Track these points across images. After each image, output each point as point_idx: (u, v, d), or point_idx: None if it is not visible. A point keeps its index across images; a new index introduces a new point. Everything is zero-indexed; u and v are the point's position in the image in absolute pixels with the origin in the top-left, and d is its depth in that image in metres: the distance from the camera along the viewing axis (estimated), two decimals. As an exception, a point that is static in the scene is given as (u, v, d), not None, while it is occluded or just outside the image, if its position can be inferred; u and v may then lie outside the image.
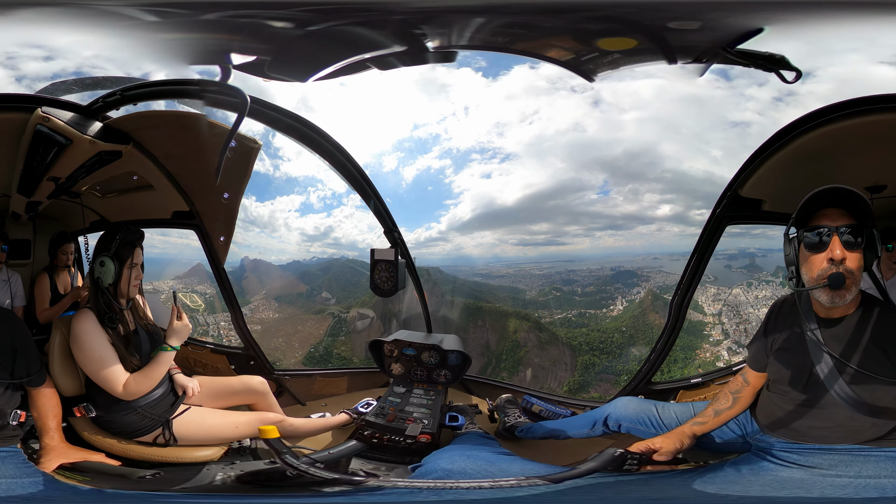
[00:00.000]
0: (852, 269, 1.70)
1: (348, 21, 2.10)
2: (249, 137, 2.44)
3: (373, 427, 2.37)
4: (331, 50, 2.23)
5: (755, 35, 1.94)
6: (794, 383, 1.84)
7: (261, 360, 2.78)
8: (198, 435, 2.28)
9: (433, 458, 2.07)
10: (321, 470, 2.06)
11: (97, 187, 2.52)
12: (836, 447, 1.80)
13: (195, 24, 2.24)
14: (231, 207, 2.62)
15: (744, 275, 2.67)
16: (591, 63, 2.17)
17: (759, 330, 2.00)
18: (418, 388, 2.64)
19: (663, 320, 2.63)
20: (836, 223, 1.71)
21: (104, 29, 2.23)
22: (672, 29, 1.99)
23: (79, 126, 2.22)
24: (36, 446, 2.07)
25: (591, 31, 2.08)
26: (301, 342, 2.94)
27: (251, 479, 2.19)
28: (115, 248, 2.16)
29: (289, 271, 2.87)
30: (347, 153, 2.44)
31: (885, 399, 1.72)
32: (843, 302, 1.72)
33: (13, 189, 2.33)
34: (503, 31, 2.17)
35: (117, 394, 2.14)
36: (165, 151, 2.46)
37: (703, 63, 2.10)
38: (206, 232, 2.68)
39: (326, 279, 2.94)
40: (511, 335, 2.96)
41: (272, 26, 2.18)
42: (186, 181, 2.58)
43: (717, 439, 2.04)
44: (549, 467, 1.96)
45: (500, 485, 1.85)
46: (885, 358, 1.72)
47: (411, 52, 2.21)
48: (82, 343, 2.13)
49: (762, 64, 2.01)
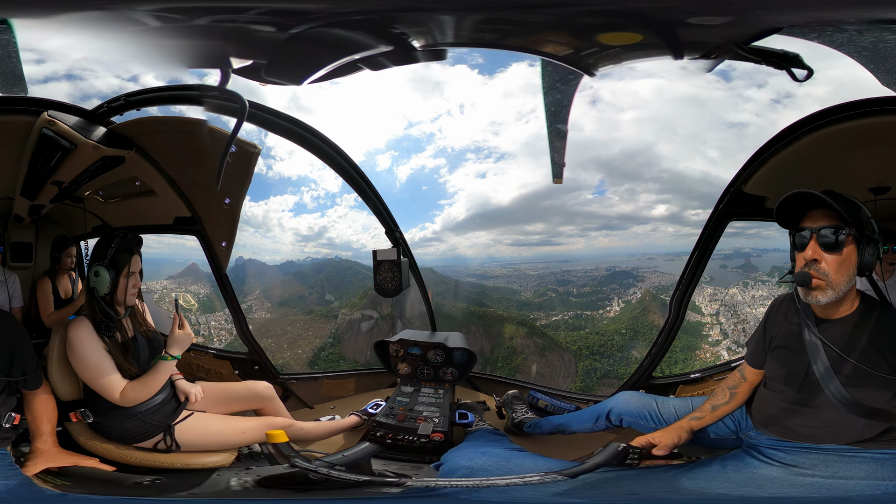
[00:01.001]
0: (828, 270, 1.74)
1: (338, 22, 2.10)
2: (249, 142, 2.45)
3: (384, 428, 2.38)
4: (323, 52, 2.23)
5: (772, 33, 1.95)
6: (790, 381, 1.88)
7: (265, 364, 2.77)
8: (201, 441, 2.26)
9: (451, 456, 2.10)
10: (343, 472, 2.10)
11: (100, 192, 2.52)
12: (824, 447, 1.83)
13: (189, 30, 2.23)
14: (232, 212, 2.62)
15: (739, 275, 2.73)
16: (591, 58, 2.16)
17: (758, 327, 2.05)
18: (426, 386, 2.66)
19: (663, 321, 2.67)
20: (817, 224, 1.76)
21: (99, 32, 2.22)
22: (684, 24, 1.97)
23: (84, 130, 2.22)
24: (26, 450, 2.05)
25: (592, 26, 2.06)
26: (290, 343, 2.92)
27: (270, 484, 2.18)
28: (111, 257, 2.12)
29: (283, 272, 2.86)
30: (346, 155, 2.48)
31: (879, 400, 1.76)
32: (816, 301, 1.77)
33: (17, 192, 2.31)
34: (498, 27, 2.16)
35: (114, 401, 2.11)
36: (168, 157, 2.47)
37: (712, 59, 2.10)
38: (208, 237, 2.68)
39: (319, 280, 2.94)
40: (507, 341, 2.99)
41: (263, 31, 2.17)
42: (188, 187, 2.59)
43: (711, 434, 2.08)
44: (559, 462, 2.01)
45: (529, 481, 1.92)
46: (881, 359, 1.75)
47: (401, 50, 2.20)
48: (78, 352, 2.11)
49: (774, 61, 2.01)
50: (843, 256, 1.74)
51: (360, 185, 2.58)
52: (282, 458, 2.22)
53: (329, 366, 2.94)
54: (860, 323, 1.79)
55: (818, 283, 1.74)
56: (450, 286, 2.92)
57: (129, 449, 2.16)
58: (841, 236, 1.73)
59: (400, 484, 2.06)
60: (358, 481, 2.08)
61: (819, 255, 1.74)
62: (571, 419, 2.38)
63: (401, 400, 2.58)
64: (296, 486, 2.15)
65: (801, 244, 1.78)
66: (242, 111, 2.17)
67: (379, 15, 2.06)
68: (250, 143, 2.47)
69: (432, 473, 2.11)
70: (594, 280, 2.87)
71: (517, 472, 1.95)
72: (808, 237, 1.75)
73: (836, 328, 1.81)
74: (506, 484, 1.93)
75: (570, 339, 2.90)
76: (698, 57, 2.13)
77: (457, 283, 2.92)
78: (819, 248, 1.74)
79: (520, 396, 2.62)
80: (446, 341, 2.68)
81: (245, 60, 2.32)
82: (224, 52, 2.32)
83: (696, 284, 2.51)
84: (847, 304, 1.81)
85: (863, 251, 1.75)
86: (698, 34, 2.03)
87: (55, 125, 2.15)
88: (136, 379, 2.14)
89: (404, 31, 2.13)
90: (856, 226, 1.74)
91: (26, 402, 2.08)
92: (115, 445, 2.16)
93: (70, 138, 2.19)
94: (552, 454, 2.12)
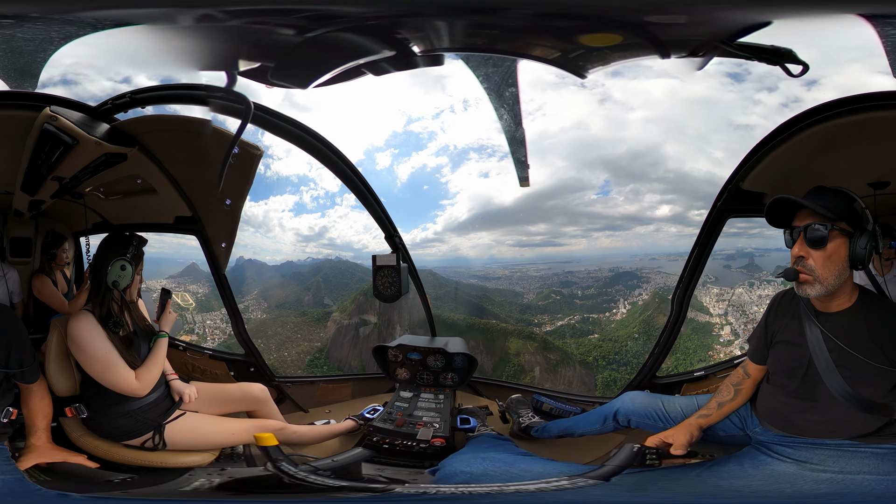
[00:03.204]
0: (814, 265, 1.80)
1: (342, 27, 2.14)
2: (252, 144, 2.49)
3: (381, 433, 2.37)
4: (327, 57, 2.27)
5: (758, 29, 1.98)
6: (792, 376, 1.91)
7: (261, 367, 2.75)
8: (190, 440, 2.27)
9: (450, 461, 2.09)
10: (327, 477, 2.07)
11: (101, 189, 2.55)
12: (827, 442, 1.86)
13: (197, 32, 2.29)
14: (233, 214, 2.64)
15: (744, 275, 2.72)
16: (579, 60, 2.19)
17: (759, 323, 2.08)
18: (426, 392, 2.64)
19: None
20: (804, 223, 1.83)
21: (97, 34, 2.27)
22: (657, 23, 2.00)
23: (86, 127, 2.26)
24: (22, 445, 2.07)
25: (572, 28, 2.09)
26: (278, 345, 2.88)
27: (240, 487, 2.17)
28: (133, 254, 2.23)
29: (281, 272, 2.85)
30: (345, 157, 2.50)
31: (877, 394, 1.80)
32: (805, 295, 1.83)
33: (17, 187, 2.34)
34: (485, 31, 2.19)
35: (132, 388, 2.14)
36: (170, 156, 2.51)
37: (700, 57, 2.12)
38: (208, 238, 2.69)
39: (316, 281, 2.92)
40: (513, 358, 2.94)
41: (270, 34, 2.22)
42: (189, 186, 2.62)
43: (720, 432, 2.10)
44: (571, 466, 2.00)
45: (549, 487, 1.91)
46: (880, 352, 1.79)
47: (398, 56, 2.24)
48: (85, 346, 2.14)
49: (766, 57, 2.02)
50: (829, 252, 1.80)
51: (360, 188, 2.60)
52: (269, 460, 2.19)
53: (314, 371, 2.90)
54: (858, 316, 1.83)
55: (805, 278, 1.81)
56: (449, 289, 2.89)
57: (117, 446, 2.17)
58: (825, 232, 1.79)
59: (388, 490, 2.03)
60: (342, 486, 2.04)
61: (805, 251, 1.81)
62: (579, 422, 2.37)
63: (399, 405, 2.56)
64: (268, 489, 2.13)
65: (790, 242, 1.86)
66: (247, 113, 2.21)
67: (364, 21, 2.10)
68: (253, 145, 2.51)
69: (428, 479, 2.08)
70: (598, 281, 2.84)
71: (524, 477, 1.95)
72: (797, 235, 1.83)
73: (833, 321, 1.85)
74: (514, 490, 1.90)
75: (583, 348, 2.85)
76: (685, 55, 2.16)
77: (457, 287, 2.88)
78: (805, 246, 1.81)
79: (524, 400, 2.60)
80: (446, 346, 2.68)
81: (253, 63, 2.36)
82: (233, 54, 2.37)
83: (697, 282, 2.52)
84: (844, 297, 1.85)
85: (854, 244, 1.79)
86: (670, 32, 2.06)
87: (57, 121, 2.19)
88: (142, 365, 2.19)
89: (401, 36, 2.16)
90: (846, 220, 1.80)
91: (23, 396, 2.10)
92: (104, 442, 2.16)
93: (72, 134, 2.22)
94: (560, 457, 2.12)
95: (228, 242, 2.70)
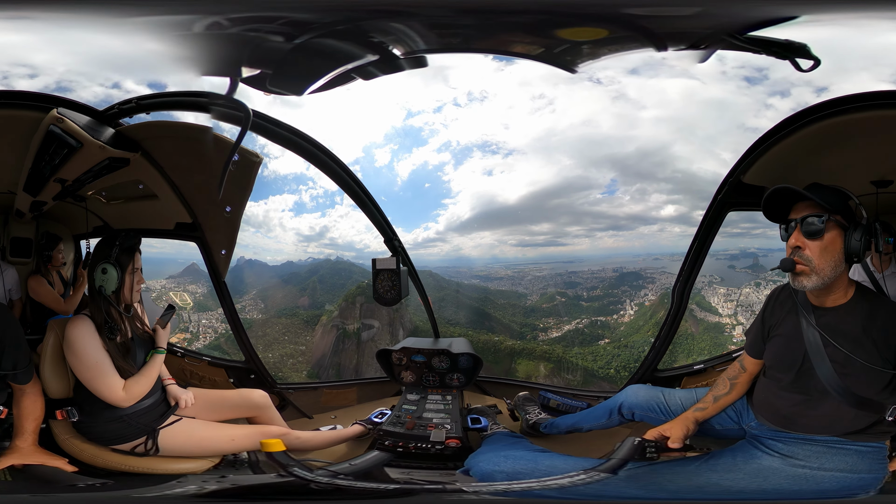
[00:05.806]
0: (811, 256, 1.85)
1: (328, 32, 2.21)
2: (251, 151, 2.55)
3: (392, 436, 2.38)
4: (318, 63, 2.34)
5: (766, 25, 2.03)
6: (787, 370, 1.95)
7: (262, 373, 2.74)
8: (186, 446, 2.26)
9: (475, 461, 2.14)
10: (351, 481, 2.11)
11: (103, 192, 2.59)
12: (816, 438, 1.90)
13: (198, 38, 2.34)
14: (233, 221, 2.66)
15: (749, 275, 2.74)
16: (566, 55, 2.22)
17: (756, 317, 2.14)
18: (433, 393, 2.66)
19: (691, 325, 2.69)
20: (801, 215, 1.90)
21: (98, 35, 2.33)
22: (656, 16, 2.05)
23: (91, 130, 2.33)
24: (7, 444, 2.08)
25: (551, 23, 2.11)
26: (265, 346, 2.84)
27: (246, 494, 2.18)
28: (116, 255, 2.22)
29: (279, 273, 2.83)
30: (342, 162, 2.52)
31: (869, 390, 1.84)
32: (802, 286, 1.88)
33: (19, 187, 2.38)
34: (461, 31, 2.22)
35: (117, 399, 2.15)
36: (172, 162, 2.57)
37: (702, 50, 2.17)
38: (208, 244, 2.71)
39: (312, 282, 2.90)
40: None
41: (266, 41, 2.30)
42: (190, 193, 2.67)
43: (716, 426, 2.14)
44: (586, 460, 2.04)
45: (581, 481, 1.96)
46: (874, 348, 1.83)
47: (382, 60, 2.27)
48: (78, 350, 2.15)
49: (775, 51, 2.06)
50: (826, 243, 1.86)
51: (358, 193, 2.63)
52: (278, 467, 2.15)
53: (292, 376, 2.85)
54: (853, 311, 1.88)
55: (802, 268, 1.86)
56: (450, 291, 2.88)
57: (103, 450, 2.16)
58: (822, 224, 1.85)
59: (427, 491, 2.07)
60: (367, 490, 2.07)
61: (802, 242, 1.87)
62: (585, 417, 2.41)
63: (407, 408, 2.58)
64: (282, 495, 2.14)
65: (786, 236, 1.93)
66: (247, 120, 2.27)
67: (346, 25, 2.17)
68: (252, 153, 2.56)
69: (467, 480, 2.11)
70: (603, 282, 2.84)
71: (552, 473, 2.00)
72: (794, 227, 1.89)
73: (828, 316, 1.90)
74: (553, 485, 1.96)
75: (601, 360, 2.80)
76: (685, 48, 2.22)
77: (458, 290, 2.87)
78: (802, 237, 1.87)
79: (531, 398, 2.62)
80: (450, 347, 2.70)
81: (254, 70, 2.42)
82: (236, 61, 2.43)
83: (697, 274, 2.56)
84: (840, 292, 1.90)
85: (849, 237, 1.86)
86: (668, 25, 2.12)
87: (63, 123, 2.24)
88: (133, 376, 2.18)
89: (378, 40, 2.22)
90: (841, 213, 1.87)
91: (15, 397, 2.10)
92: (91, 446, 2.16)
93: (77, 137, 2.29)
94: (572, 452, 2.16)
95: (228, 249, 2.72)
